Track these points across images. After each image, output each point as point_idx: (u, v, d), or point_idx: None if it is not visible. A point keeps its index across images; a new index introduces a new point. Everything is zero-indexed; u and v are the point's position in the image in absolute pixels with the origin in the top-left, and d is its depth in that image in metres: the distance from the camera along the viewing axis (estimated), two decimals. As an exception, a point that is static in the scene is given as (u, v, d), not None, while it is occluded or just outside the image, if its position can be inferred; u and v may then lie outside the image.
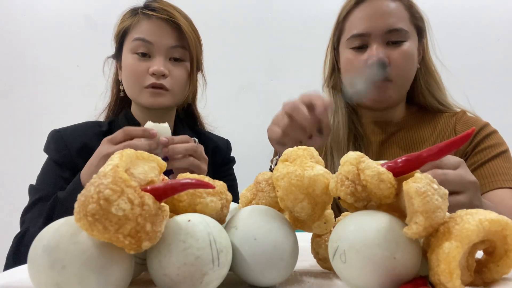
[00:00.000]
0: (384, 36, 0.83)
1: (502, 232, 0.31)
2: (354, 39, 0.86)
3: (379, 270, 0.30)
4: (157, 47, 0.88)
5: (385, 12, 0.83)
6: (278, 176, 0.36)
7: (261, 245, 0.34)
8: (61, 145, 0.87)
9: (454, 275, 0.28)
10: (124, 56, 0.91)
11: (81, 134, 0.89)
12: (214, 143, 1.04)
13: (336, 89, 0.96)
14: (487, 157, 0.82)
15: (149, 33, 0.88)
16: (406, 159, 0.33)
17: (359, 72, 0.78)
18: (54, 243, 0.29)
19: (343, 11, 0.90)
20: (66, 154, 0.86)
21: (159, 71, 0.86)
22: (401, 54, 0.83)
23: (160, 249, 0.31)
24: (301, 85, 1.79)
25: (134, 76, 0.88)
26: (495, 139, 0.85)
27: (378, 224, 0.31)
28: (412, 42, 0.85)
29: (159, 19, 0.88)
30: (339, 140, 0.90)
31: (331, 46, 0.97)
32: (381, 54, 0.80)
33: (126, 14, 0.94)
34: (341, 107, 0.93)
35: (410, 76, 0.87)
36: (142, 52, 0.88)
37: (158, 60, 0.87)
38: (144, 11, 0.90)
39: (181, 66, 0.91)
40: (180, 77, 0.91)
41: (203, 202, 0.36)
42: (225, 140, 1.11)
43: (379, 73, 0.77)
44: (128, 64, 0.89)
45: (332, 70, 0.97)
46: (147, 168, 0.33)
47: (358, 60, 0.85)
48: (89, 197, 0.27)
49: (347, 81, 0.71)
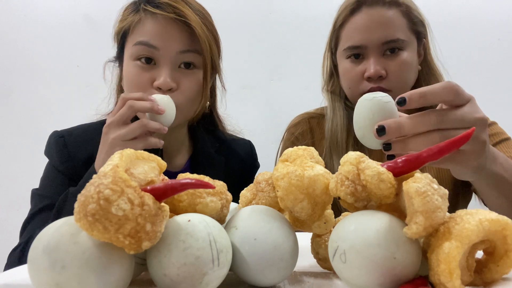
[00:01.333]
0: (380, 47, 0.82)
1: (502, 232, 0.31)
2: (350, 50, 0.86)
3: (379, 270, 0.30)
4: (164, 53, 0.73)
5: (381, 22, 0.82)
6: (278, 176, 0.36)
7: (261, 245, 0.34)
8: (64, 155, 0.77)
9: (454, 275, 0.28)
10: (125, 62, 0.77)
11: (87, 141, 0.78)
12: (238, 156, 0.94)
13: (334, 93, 0.95)
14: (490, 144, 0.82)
15: (153, 35, 0.73)
16: (406, 159, 0.33)
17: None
18: (54, 243, 0.29)
19: (339, 18, 0.89)
20: (70, 166, 0.76)
21: (165, 85, 0.72)
22: (399, 64, 0.82)
23: (160, 249, 0.31)
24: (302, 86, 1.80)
25: (136, 89, 0.74)
26: (496, 129, 0.86)
27: (378, 224, 0.31)
28: (410, 50, 0.85)
29: (166, 18, 0.73)
30: (337, 143, 0.90)
31: (328, 50, 0.96)
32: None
33: (127, 10, 0.79)
34: (339, 110, 0.92)
35: (408, 84, 0.87)
36: (145, 57, 0.73)
37: (165, 70, 0.73)
38: (147, 8, 0.74)
39: (192, 75, 0.76)
40: (191, 90, 0.76)
41: (203, 202, 0.36)
42: (248, 145, 1.00)
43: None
44: (129, 74, 0.75)
45: (330, 75, 0.97)
46: (147, 168, 0.33)
47: (355, 71, 0.85)
48: (89, 197, 0.27)
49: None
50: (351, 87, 0.87)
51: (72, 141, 0.79)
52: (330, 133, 0.91)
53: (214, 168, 0.88)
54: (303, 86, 1.75)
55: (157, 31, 0.73)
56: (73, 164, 0.77)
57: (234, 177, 0.91)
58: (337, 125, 0.91)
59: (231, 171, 0.92)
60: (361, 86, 0.84)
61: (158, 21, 0.73)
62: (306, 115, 1.01)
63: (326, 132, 0.92)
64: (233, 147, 0.94)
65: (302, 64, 1.76)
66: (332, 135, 0.91)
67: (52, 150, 0.79)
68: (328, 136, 0.91)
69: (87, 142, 0.78)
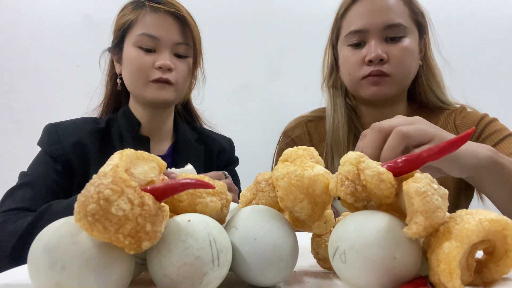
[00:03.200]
0: (382, 32, 0.82)
1: (502, 232, 0.31)
2: (352, 36, 0.85)
3: (379, 270, 0.30)
4: (163, 42, 0.86)
5: (383, 7, 0.82)
6: (278, 176, 0.36)
7: (261, 245, 0.34)
8: (54, 139, 0.85)
9: (454, 275, 0.28)
10: (127, 49, 0.89)
11: (75, 129, 0.87)
12: (218, 143, 1.04)
13: (335, 88, 0.95)
14: (493, 142, 0.81)
15: (155, 27, 0.86)
16: (406, 159, 0.33)
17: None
18: (54, 243, 0.29)
19: (341, 8, 0.89)
20: (58, 148, 0.84)
21: (165, 65, 0.85)
22: (400, 50, 0.82)
23: (160, 249, 0.31)
24: (301, 86, 1.80)
25: (139, 70, 0.86)
26: (497, 126, 0.85)
27: (378, 224, 0.31)
28: (412, 37, 0.84)
29: (166, 13, 0.87)
30: (339, 140, 0.89)
31: (329, 44, 0.96)
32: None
33: (127, 7, 0.91)
34: (340, 106, 0.92)
35: (409, 72, 0.86)
36: (147, 47, 0.86)
37: (164, 54, 0.86)
38: (150, 4, 0.88)
39: (184, 62, 0.90)
40: (184, 72, 0.90)
41: (203, 202, 0.36)
42: (227, 139, 1.10)
43: None
44: (132, 58, 0.87)
45: (331, 69, 0.96)
46: (147, 168, 0.33)
47: (356, 57, 0.84)
48: (89, 197, 0.27)
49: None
50: (351, 72, 0.87)
51: (62, 128, 0.88)
52: (331, 130, 0.91)
53: (194, 155, 0.97)
54: (302, 86, 1.75)
55: (158, 23, 0.87)
56: (61, 146, 0.85)
57: (213, 166, 1.00)
58: (339, 122, 0.90)
59: (211, 159, 1.00)
60: (361, 71, 0.84)
61: (159, 15, 0.87)
62: (303, 119, 1.00)
63: (327, 129, 0.92)
64: (211, 138, 1.04)
65: (301, 64, 1.76)
66: (333, 132, 0.90)
67: (43, 137, 0.88)
68: (329, 133, 0.91)
69: (75, 129, 0.88)
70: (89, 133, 0.87)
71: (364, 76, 0.84)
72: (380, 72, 0.82)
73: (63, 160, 0.84)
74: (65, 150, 0.84)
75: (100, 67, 0.98)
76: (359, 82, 0.85)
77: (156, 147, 0.96)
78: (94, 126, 0.89)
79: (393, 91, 0.85)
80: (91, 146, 0.86)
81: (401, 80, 0.85)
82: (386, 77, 0.83)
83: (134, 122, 0.92)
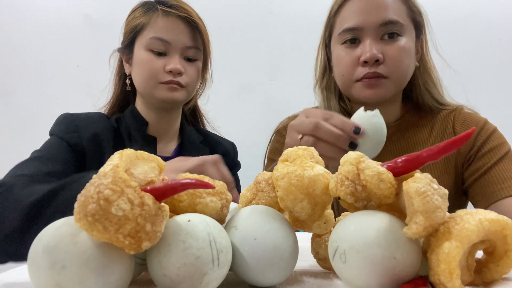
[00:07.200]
0: (378, 29, 0.77)
1: (502, 232, 0.31)
2: (346, 34, 0.80)
3: (379, 270, 0.30)
4: (174, 46, 0.88)
5: (379, 4, 0.78)
6: (278, 176, 0.36)
7: (261, 245, 0.34)
8: (72, 127, 0.85)
9: (454, 275, 0.28)
10: (137, 51, 0.90)
11: (93, 122, 0.88)
12: (222, 147, 1.05)
13: (328, 90, 0.91)
14: (492, 160, 0.79)
15: (166, 31, 0.87)
16: (406, 159, 0.33)
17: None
18: (54, 243, 0.29)
19: (335, 5, 0.85)
20: (76, 136, 0.84)
21: (176, 69, 0.86)
22: (397, 50, 0.78)
23: (160, 249, 0.31)
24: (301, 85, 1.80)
25: (150, 72, 0.87)
26: (497, 139, 0.82)
27: (378, 224, 0.31)
28: (409, 36, 0.80)
29: (178, 17, 0.88)
30: None
31: (322, 43, 0.92)
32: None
33: (139, 10, 0.92)
34: (334, 109, 0.88)
35: (406, 73, 0.82)
36: (158, 51, 0.87)
37: (174, 58, 0.87)
38: (162, 8, 0.89)
39: (193, 65, 0.92)
40: (194, 75, 0.92)
41: (203, 202, 0.36)
42: (231, 143, 1.11)
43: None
44: (143, 60, 0.88)
45: (324, 70, 0.92)
46: (147, 168, 0.33)
47: (350, 57, 0.80)
48: (89, 197, 0.27)
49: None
50: (344, 73, 0.81)
51: (80, 119, 0.88)
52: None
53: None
54: (302, 86, 1.75)
55: (170, 27, 0.88)
56: (79, 136, 0.84)
57: None
58: None
59: None
60: (356, 72, 0.79)
61: (170, 19, 0.88)
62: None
63: None
64: (216, 141, 1.06)
65: (301, 64, 1.76)
66: None
67: (59, 123, 0.87)
68: None
69: (93, 122, 0.88)
70: (105, 129, 0.88)
71: (359, 79, 0.79)
72: (376, 74, 0.77)
73: (78, 149, 0.83)
74: (82, 140, 0.84)
75: (110, 66, 0.99)
76: (354, 84, 0.81)
77: (162, 147, 0.96)
78: (108, 124, 0.90)
79: (390, 94, 0.81)
80: (107, 142, 0.86)
81: (398, 82, 0.81)
82: (382, 79, 0.78)
83: (142, 122, 0.93)
